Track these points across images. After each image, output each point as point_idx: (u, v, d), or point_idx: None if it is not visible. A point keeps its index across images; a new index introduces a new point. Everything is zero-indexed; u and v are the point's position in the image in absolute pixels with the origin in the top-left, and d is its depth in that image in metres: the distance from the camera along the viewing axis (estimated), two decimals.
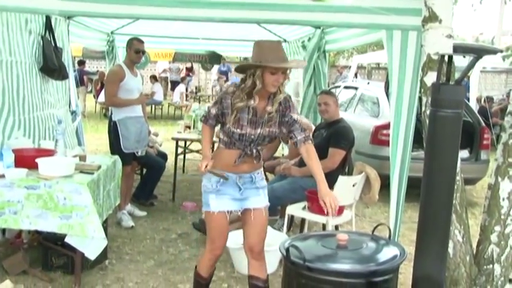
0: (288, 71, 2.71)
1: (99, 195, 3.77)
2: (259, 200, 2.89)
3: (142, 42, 4.96)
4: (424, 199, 2.09)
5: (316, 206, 4.21)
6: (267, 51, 2.65)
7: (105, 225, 4.04)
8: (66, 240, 3.40)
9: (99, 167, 3.84)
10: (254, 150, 2.79)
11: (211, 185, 2.78)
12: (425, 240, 2.04)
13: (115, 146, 4.89)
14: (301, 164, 4.61)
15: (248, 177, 2.83)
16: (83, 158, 3.99)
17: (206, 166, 2.69)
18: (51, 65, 4.66)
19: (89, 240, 3.38)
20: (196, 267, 3.01)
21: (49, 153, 3.76)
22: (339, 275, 2.28)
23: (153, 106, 14.49)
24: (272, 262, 3.68)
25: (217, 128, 2.94)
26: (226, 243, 2.92)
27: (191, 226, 4.82)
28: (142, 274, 3.84)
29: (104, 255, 4.03)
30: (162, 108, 14.68)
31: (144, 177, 5.84)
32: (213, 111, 2.80)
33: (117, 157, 4.43)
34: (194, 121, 6.32)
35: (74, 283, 3.53)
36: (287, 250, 2.35)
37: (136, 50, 4.88)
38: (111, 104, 4.99)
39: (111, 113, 5.03)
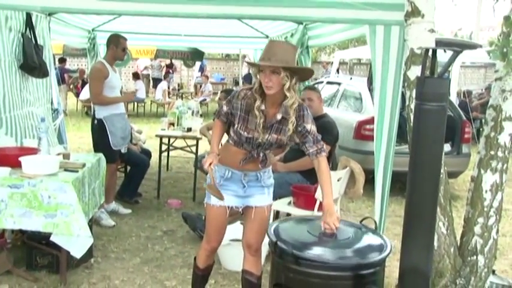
0: (284, 73, 2.52)
1: (85, 193, 3.74)
2: (263, 199, 2.87)
3: (126, 39, 4.97)
4: (410, 192, 2.12)
5: (301, 201, 4.24)
6: (265, 50, 2.59)
7: (90, 223, 4.02)
8: (52, 239, 3.37)
9: (84, 165, 3.80)
10: (261, 154, 2.77)
11: (215, 179, 2.77)
12: (411, 233, 2.08)
13: (100, 144, 4.83)
14: (286, 159, 4.64)
15: (254, 175, 2.82)
16: (66, 156, 3.96)
17: (210, 164, 2.64)
18: (31, 63, 4.59)
19: (74, 239, 3.35)
20: (195, 258, 3.03)
21: (32, 151, 3.71)
22: (327, 268, 2.30)
23: (136, 104, 14.37)
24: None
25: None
26: (223, 237, 2.93)
27: (177, 223, 4.81)
28: (128, 272, 3.82)
29: (89, 253, 3.99)
30: (144, 106, 14.57)
31: (128, 175, 5.80)
32: (225, 108, 2.79)
33: (101, 155, 4.39)
34: (178, 118, 6.29)
35: (60, 282, 3.50)
36: (275, 244, 2.37)
37: (123, 48, 4.88)
38: (98, 102, 4.93)
39: (94, 111, 4.99)
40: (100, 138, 4.87)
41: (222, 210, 2.81)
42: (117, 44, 4.85)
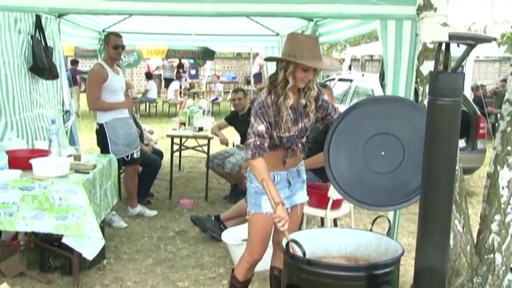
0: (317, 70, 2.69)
1: (96, 194, 3.73)
2: (304, 195, 2.89)
3: (120, 36, 4.75)
4: (424, 189, 2.06)
5: (314, 200, 4.18)
6: (302, 47, 2.52)
7: (102, 224, 4.01)
8: (63, 240, 3.36)
9: (95, 166, 3.79)
10: (300, 144, 2.78)
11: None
12: (426, 231, 2.02)
13: (102, 150, 4.77)
14: None
15: (295, 170, 2.81)
16: (77, 157, 3.95)
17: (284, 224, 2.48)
18: (40, 65, 4.59)
19: (85, 241, 3.35)
20: (233, 270, 2.93)
21: (43, 153, 3.71)
22: (340, 269, 2.26)
23: (147, 104, 14.42)
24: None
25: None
26: (267, 248, 2.81)
27: (189, 223, 4.79)
28: (141, 273, 3.80)
29: (101, 255, 3.99)
30: (156, 106, 14.61)
31: (140, 175, 5.77)
32: (263, 128, 2.55)
33: (112, 156, 4.39)
34: (189, 117, 6.27)
35: (72, 284, 3.49)
36: (286, 245, 2.33)
37: (114, 46, 4.66)
38: (95, 108, 4.84)
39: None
40: (101, 144, 4.78)
41: (271, 219, 2.62)
42: (108, 42, 4.69)
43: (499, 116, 3.32)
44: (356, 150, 2.51)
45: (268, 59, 6.13)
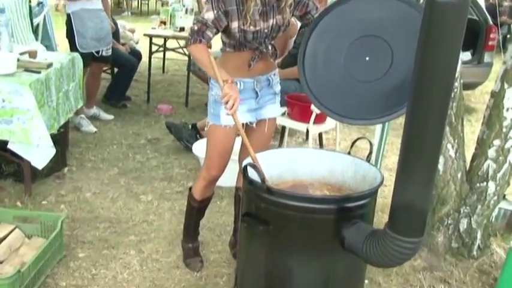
0: None
1: (51, 97, 3.33)
2: (275, 109, 2.49)
3: None
4: (412, 109, 1.64)
5: (296, 112, 3.82)
6: None
7: (62, 129, 3.67)
8: (9, 147, 3.03)
9: (50, 64, 3.36)
10: (269, 47, 2.32)
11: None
12: (409, 161, 1.65)
13: (70, 44, 4.35)
14: (284, 65, 4.14)
15: (265, 80, 2.38)
16: (32, 54, 3.50)
17: (233, 106, 2.09)
18: None
19: (34, 148, 3.00)
20: (190, 188, 2.61)
21: None
22: (305, 200, 1.92)
23: (139, 0, 13.56)
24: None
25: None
26: (227, 164, 2.47)
27: (163, 131, 4.45)
28: (102, 183, 3.51)
29: (63, 162, 3.70)
30: (148, 3, 13.73)
31: (115, 77, 5.37)
32: (210, 15, 2.15)
33: (76, 54, 3.95)
34: (171, 16, 5.70)
35: (24, 192, 3.21)
36: (244, 168, 1.97)
37: None
38: None
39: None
40: (69, 37, 4.35)
41: (232, 132, 2.36)
42: None
43: None
44: (337, 55, 2.06)
45: None
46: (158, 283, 2.45)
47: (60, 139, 3.60)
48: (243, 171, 1.98)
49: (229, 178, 2.70)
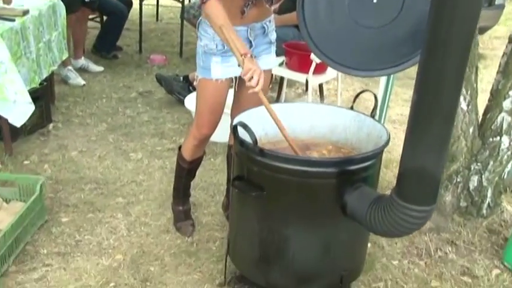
0: None
1: (29, 48, 3.09)
2: (271, 60, 2.26)
3: None
4: (426, 58, 1.40)
5: (295, 62, 3.57)
6: None
7: (45, 83, 3.44)
8: None
9: (26, 12, 3.09)
10: None
11: (216, 45, 2.05)
12: (422, 121, 1.43)
13: None
14: (281, 11, 3.84)
15: (260, 27, 2.13)
16: (6, 1, 3.21)
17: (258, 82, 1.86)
18: None
19: (11, 104, 2.78)
20: (179, 148, 2.40)
21: None
22: (304, 162, 1.72)
23: None
24: None
25: None
26: (219, 122, 2.25)
27: (156, 83, 4.19)
28: (90, 141, 3.31)
29: (47, 118, 3.50)
30: None
31: (104, 25, 5.05)
32: None
33: (57, 1, 3.63)
34: None
35: (4, 151, 3.01)
36: (235, 127, 1.76)
37: None
38: None
39: None
40: None
41: (224, 85, 2.13)
42: None
43: None
44: None
45: None
46: (146, 249, 2.30)
47: (43, 93, 3.38)
48: (233, 131, 1.77)
49: (223, 133, 2.48)
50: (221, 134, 2.44)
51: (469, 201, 2.62)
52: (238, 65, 1.91)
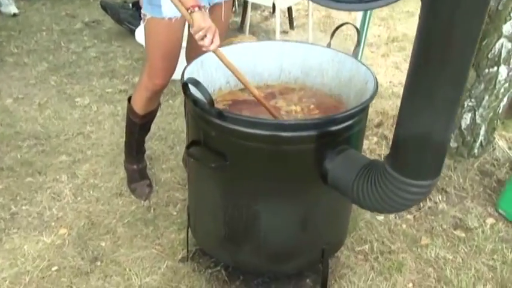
0: None
1: None
2: None
3: None
4: None
5: None
6: None
7: None
8: None
9: None
10: None
11: None
12: (427, 79, 1.08)
13: None
14: None
15: None
16: None
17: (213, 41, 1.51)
18: None
19: None
20: (129, 99, 2.00)
21: None
22: (273, 126, 1.37)
23: None
24: None
25: None
26: (175, 69, 1.85)
27: (103, 11, 3.67)
28: (28, 85, 2.87)
29: None
30: None
31: None
32: None
33: None
34: None
35: None
36: (184, 85, 1.38)
37: None
38: None
39: None
40: None
41: (179, 25, 1.72)
42: None
43: None
44: None
45: None
46: (96, 220, 1.97)
47: None
48: (183, 88, 1.39)
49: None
50: (181, 70, 2.05)
51: (460, 141, 2.36)
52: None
